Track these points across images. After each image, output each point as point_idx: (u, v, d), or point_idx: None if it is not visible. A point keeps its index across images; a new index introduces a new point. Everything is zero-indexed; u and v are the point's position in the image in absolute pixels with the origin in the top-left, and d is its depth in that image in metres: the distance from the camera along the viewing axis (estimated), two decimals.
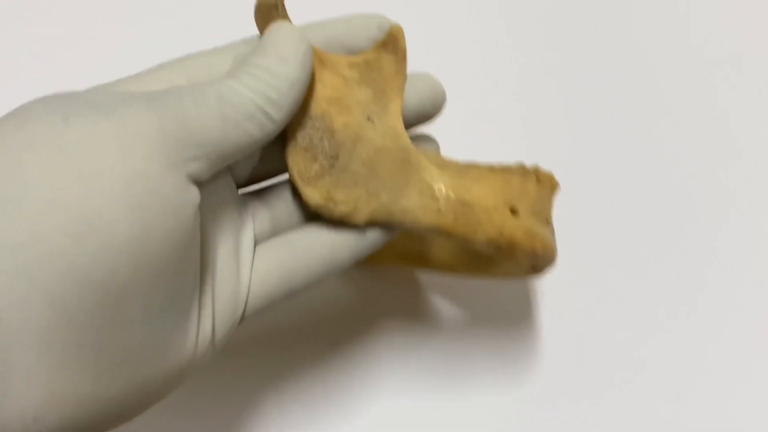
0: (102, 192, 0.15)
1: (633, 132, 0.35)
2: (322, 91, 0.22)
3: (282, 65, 0.20)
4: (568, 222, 0.30)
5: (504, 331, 0.30)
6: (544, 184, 0.25)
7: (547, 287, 0.31)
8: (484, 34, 0.37)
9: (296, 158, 0.22)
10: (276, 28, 0.20)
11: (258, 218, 0.22)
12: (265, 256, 0.21)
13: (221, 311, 0.20)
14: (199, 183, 0.18)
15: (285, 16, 0.21)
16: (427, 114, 0.24)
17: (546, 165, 0.29)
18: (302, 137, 0.21)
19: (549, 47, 0.37)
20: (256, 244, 0.22)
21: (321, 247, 0.22)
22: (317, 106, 0.22)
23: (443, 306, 0.30)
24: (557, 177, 0.30)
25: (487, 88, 0.36)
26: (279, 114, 0.19)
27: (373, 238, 0.22)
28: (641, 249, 0.32)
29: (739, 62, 0.37)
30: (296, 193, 0.22)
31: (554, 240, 0.25)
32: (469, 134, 0.33)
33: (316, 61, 0.22)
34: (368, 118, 0.22)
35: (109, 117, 0.17)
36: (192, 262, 0.18)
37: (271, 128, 0.19)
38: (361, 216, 0.22)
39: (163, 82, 0.20)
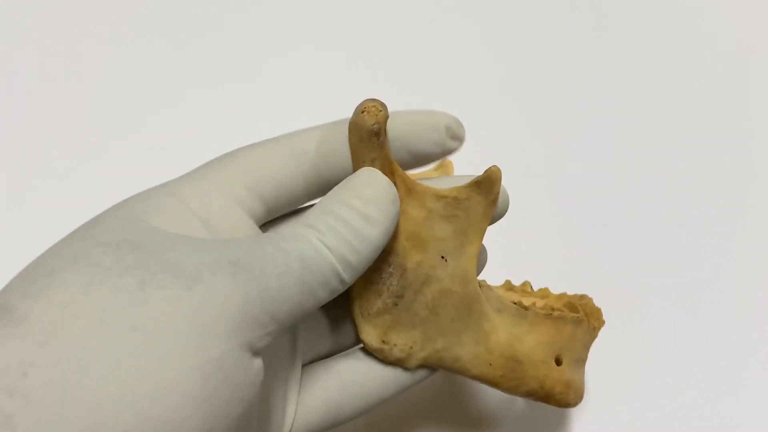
0: (176, 388, 0.14)
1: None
2: (403, 225, 0.21)
3: (368, 228, 0.18)
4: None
5: None
6: (592, 328, 0.25)
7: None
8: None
9: (360, 291, 0.21)
10: (370, 179, 0.19)
11: (306, 335, 0.22)
12: (311, 390, 0.21)
13: None
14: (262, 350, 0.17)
15: (383, 144, 0.20)
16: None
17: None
18: (371, 270, 0.21)
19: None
20: (303, 364, 0.21)
21: (370, 384, 0.21)
22: (395, 242, 0.21)
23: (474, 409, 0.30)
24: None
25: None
26: (351, 277, 0.18)
27: (421, 375, 0.22)
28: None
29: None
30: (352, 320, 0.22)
31: (583, 380, 0.24)
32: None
33: (404, 190, 0.21)
34: (442, 257, 0.21)
35: (191, 289, 0.15)
36: (243, 427, 0.17)
37: (339, 291, 0.18)
38: (414, 362, 0.21)
39: (221, 190, 0.19)
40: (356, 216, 0.18)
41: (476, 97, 0.36)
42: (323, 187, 0.20)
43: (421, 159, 0.21)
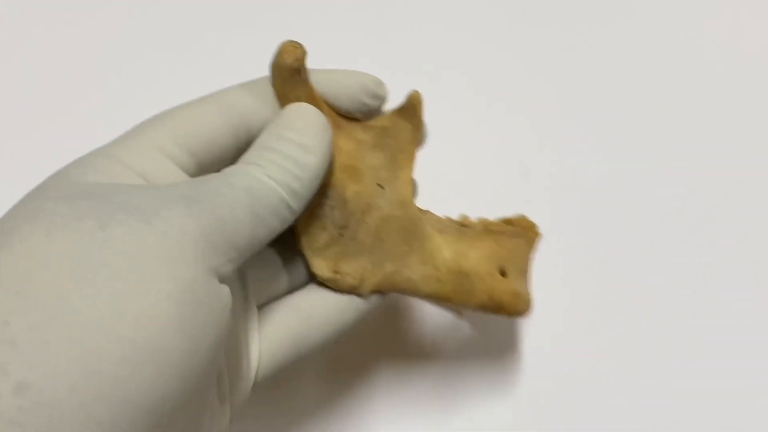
0: (154, 314, 0.15)
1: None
2: (337, 158, 0.22)
3: (306, 155, 0.19)
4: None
5: (488, 357, 0.31)
6: (530, 240, 0.26)
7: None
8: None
9: (306, 227, 0.21)
10: (299, 111, 0.20)
11: (258, 276, 0.22)
12: (273, 325, 0.21)
13: (234, 390, 0.20)
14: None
15: (306, 80, 0.21)
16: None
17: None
18: (313, 206, 0.21)
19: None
20: (258, 306, 0.22)
21: (328, 313, 0.22)
22: (331, 176, 0.21)
23: (430, 331, 0.31)
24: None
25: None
26: (299, 205, 0.19)
27: (375, 301, 0.23)
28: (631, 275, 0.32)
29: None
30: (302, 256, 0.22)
31: (530, 290, 0.25)
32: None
33: (333, 125, 0.21)
34: (379, 185, 0.22)
35: (150, 223, 0.16)
36: (222, 360, 0.18)
37: (290, 219, 0.19)
38: (367, 288, 0.22)
39: (153, 147, 0.19)
40: (293, 147, 0.19)
41: (476, 90, 0.35)
42: (253, 140, 0.21)
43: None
